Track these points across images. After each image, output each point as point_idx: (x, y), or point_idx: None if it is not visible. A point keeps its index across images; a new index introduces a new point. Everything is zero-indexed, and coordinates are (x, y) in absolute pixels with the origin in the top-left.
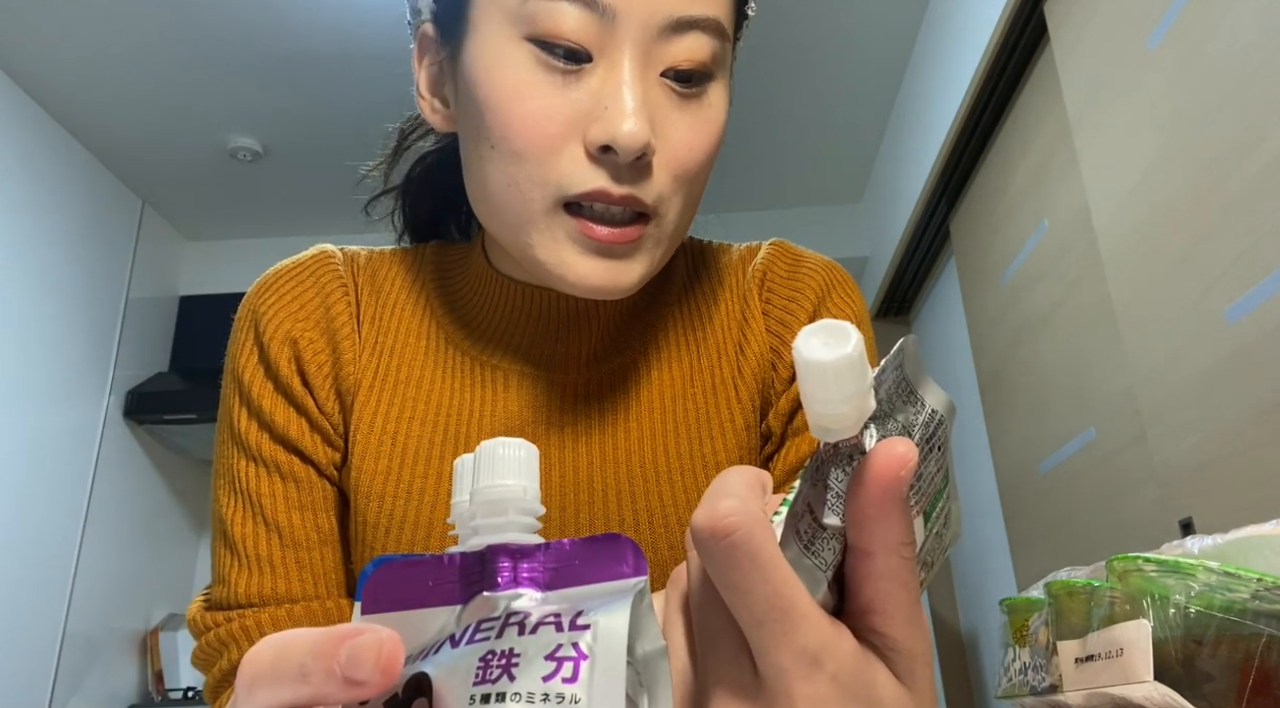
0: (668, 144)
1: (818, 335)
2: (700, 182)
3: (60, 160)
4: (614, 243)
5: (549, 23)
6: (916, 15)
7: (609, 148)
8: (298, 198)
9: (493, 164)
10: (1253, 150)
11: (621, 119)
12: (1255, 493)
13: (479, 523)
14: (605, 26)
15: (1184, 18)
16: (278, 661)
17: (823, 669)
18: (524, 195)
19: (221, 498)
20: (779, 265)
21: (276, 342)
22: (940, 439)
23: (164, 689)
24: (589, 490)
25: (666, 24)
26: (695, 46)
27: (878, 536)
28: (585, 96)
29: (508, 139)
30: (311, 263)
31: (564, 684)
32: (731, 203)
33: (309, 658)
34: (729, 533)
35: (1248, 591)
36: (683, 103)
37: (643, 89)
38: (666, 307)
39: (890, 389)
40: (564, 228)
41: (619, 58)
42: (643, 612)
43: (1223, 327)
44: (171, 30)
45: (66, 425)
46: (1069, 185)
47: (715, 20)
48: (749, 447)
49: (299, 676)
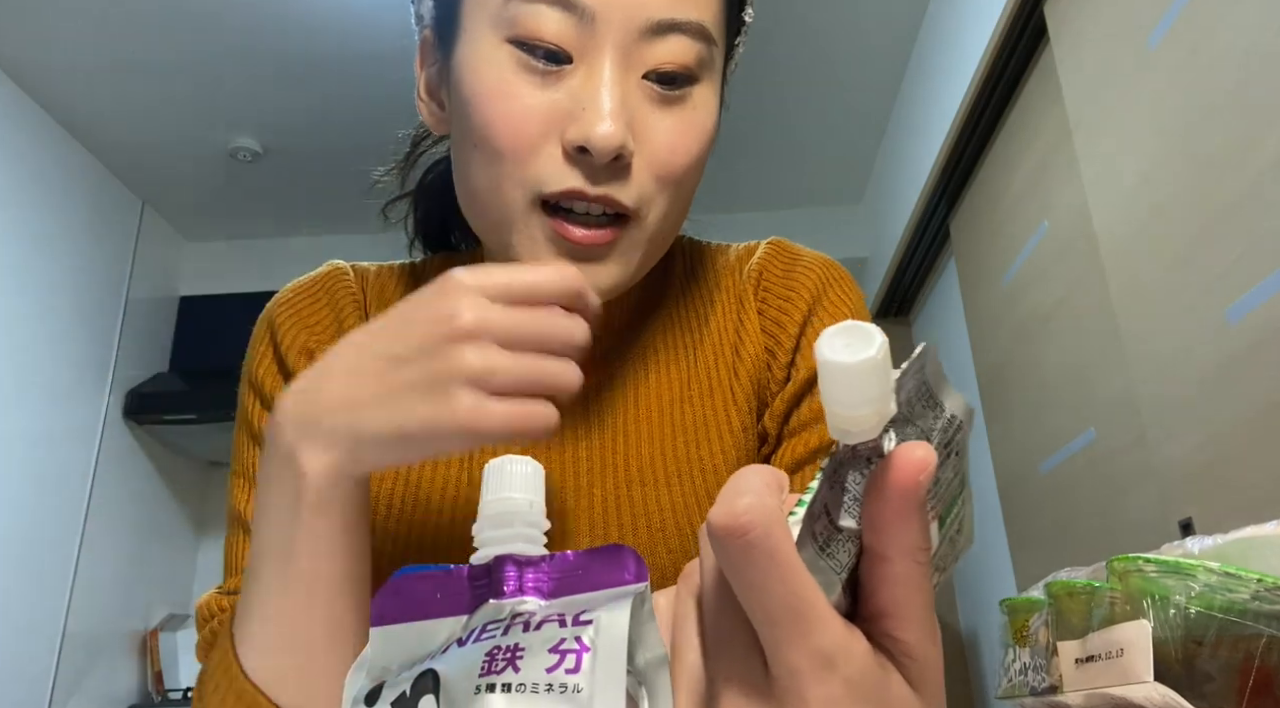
0: (650, 146)
1: (841, 337)
2: (688, 184)
3: (60, 161)
4: (588, 245)
5: (529, 25)
6: (916, 15)
7: (585, 148)
8: (298, 198)
9: (477, 164)
10: (1253, 150)
11: (598, 120)
12: (1255, 493)
13: (486, 535)
14: (585, 28)
15: (1184, 18)
16: None
17: (836, 672)
18: (504, 195)
19: (237, 494)
20: (775, 265)
21: (294, 353)
22: (958, 445)
23: (164, 690)
24: (588, 496)
25: (647, 26)
26: (677, 49)
27: (894, 540)
28: (564, 97)
29: (488, 138)
30: (325, 279)
31: (567, 675)
32: (731, 203)
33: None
34: (746, 531)
35: (1248, 591)
36: (666, 105)
37: (622, 91)
38: (663, 310)
39: (911, 394)
40: (541, 228)
41: (599, 60)
42: (644, 617)
43: (1223, 327)
44: (171, 31)
45: (66, 425)
46: (1069, 185)
47: (698, 24)
48: (746, 449)
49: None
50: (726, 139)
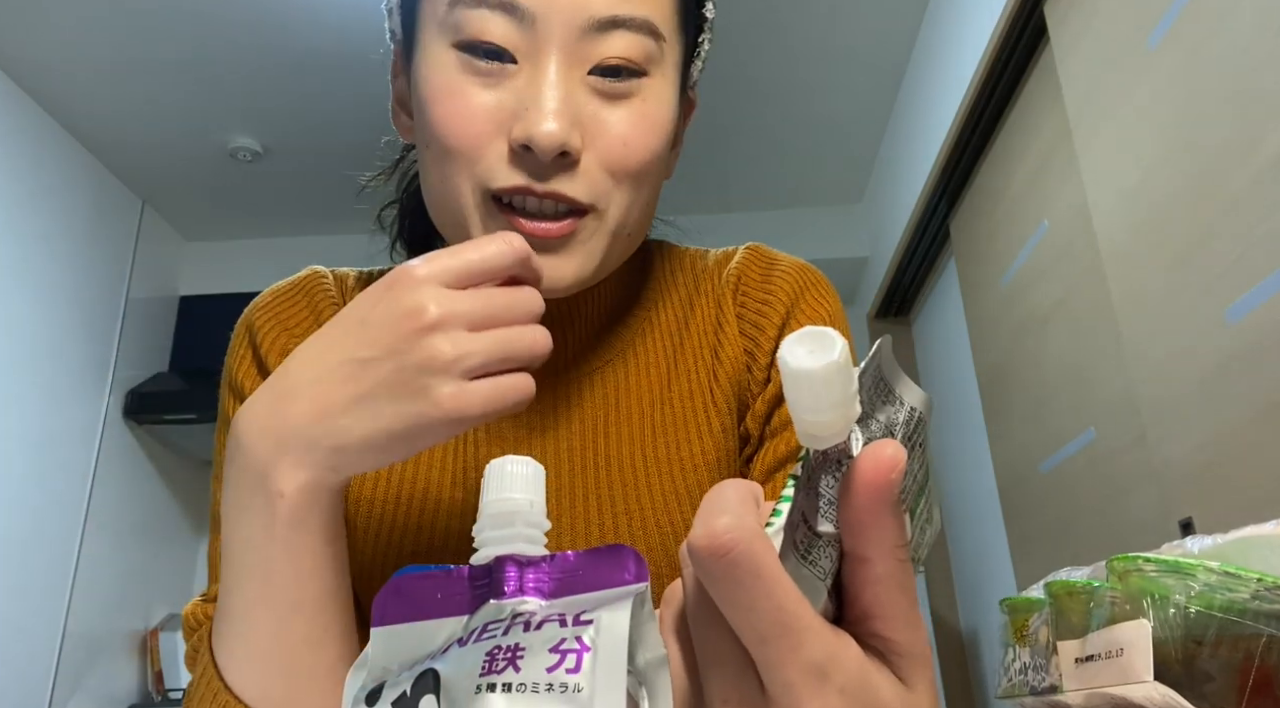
0: (600, 142)
1: (803, 343)
2: (648, 178)
3: (61, 160)
4: (544, 237)
5: (473, 29)
6: (916, 16)
7: (529, 146)
8: (298, 198)
9: (432, 164)
10: (1253, 150)
11: (541, 119)
12: (1255, 493)
13: (487, 535)
14: (526, 30)
15: (1184, 18)
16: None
17: (830, 682)
18: (457, 191)
19: (220, 498)
20: (753, 270)
21: (274, 355)
22: (920, 437)
23: (164, 689)
24: (570, 494)
25: (589, 24)
26: (621, 45)
27: (873, 540)
28: (510, 97)
29: (437, 138)
30: (304, 282)
31: (568, 674)
32: (731, 203)
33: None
34: (728, 550)
35: (1248, 591)
36: (614, 100)
37: (565, 89)
38: (644, 311)
39: (869, 391)
40: (497, 223)
41: (542, 59)
42: (644, 617)
43: (1223, 327)
44: (172, 31)
45: (66, 425)
46: (1069, 185)
47: (643, 19)
48: (726, 449)
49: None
50: (727, 139)
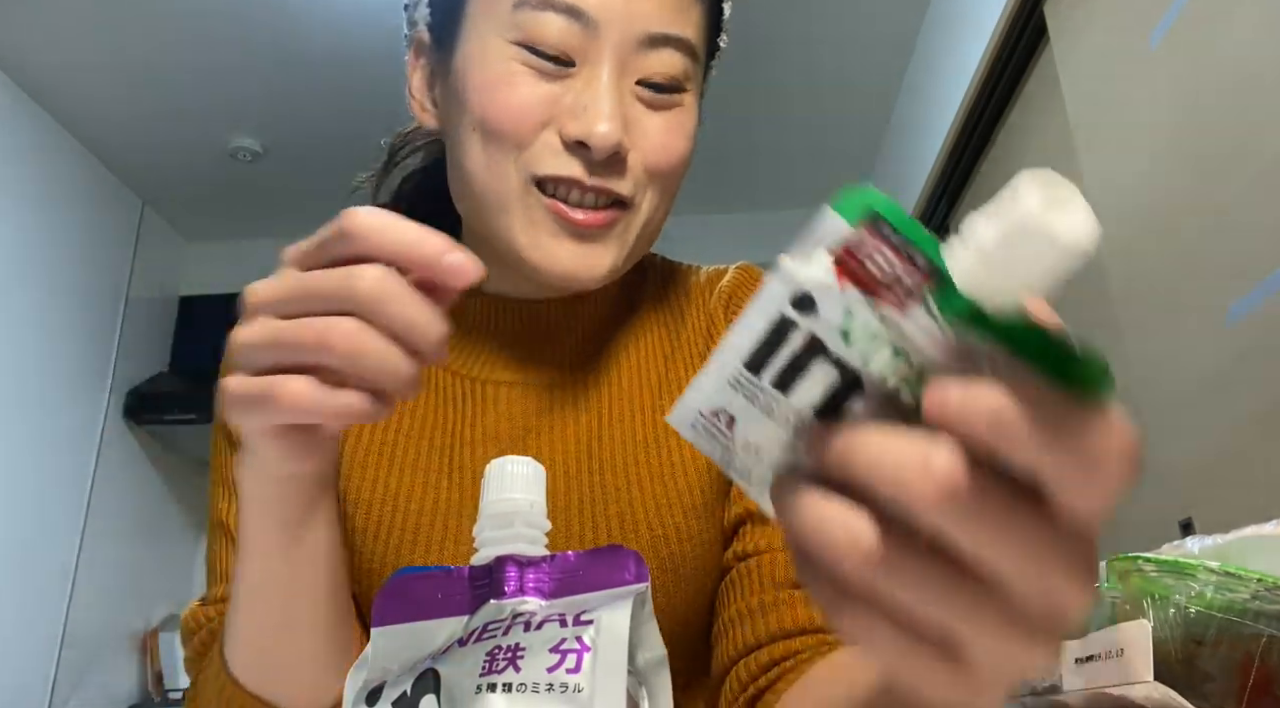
0: (643, 143)
1: (1043, 189)
2: (674, 181)
3: (61, 161)
4: (588, 226)
5: (537, 30)
6: (917, 16)
7: (584, 144)
8: (298, 198)
9: (474, 146)
10: (1253, 150)
11: (598, 120)
12: (1255, 493)
13: (487, 536)
14: (588, 36)
15: (1184, 18)
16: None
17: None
18: (501, 173)
19: (217, 500)
20: (745, 289)
21: None
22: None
23: (163, 690)
24: (565, 497)
25: (644, 38)
26: (668, 61)
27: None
28: (564, 92)
29: (487, 121)
30: None
31: (568, 674)
32: (731, 204)
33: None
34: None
35: (1248, 591)
36: (655, 109)
37: (619, 94)
38: (637, 319)
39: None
40: (540, 208)
41: (599, 65)
42: (644, 617)
43: (1223, 327)
44: (171, 31)
45: (66, 426)
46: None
47: (688, 40)
48: None
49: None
50: (727, 138)
